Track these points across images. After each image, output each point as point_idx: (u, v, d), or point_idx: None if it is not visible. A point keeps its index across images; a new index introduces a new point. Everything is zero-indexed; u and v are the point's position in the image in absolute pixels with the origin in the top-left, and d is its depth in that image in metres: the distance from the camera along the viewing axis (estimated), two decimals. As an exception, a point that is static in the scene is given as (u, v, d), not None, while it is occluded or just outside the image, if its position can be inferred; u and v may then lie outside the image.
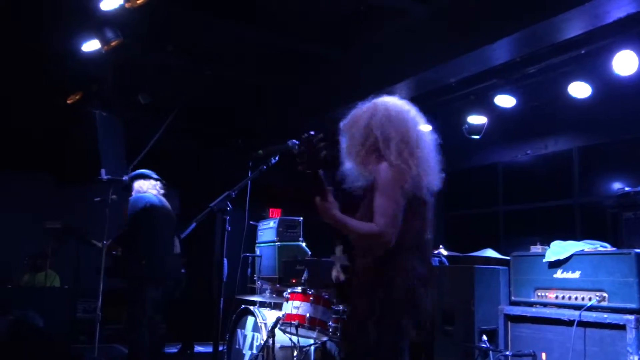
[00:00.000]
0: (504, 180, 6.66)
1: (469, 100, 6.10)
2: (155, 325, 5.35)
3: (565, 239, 4.06)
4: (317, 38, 5.98)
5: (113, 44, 5.86)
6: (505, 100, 5.84)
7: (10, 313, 6.01)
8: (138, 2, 5.27)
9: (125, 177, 5.58)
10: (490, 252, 5.04)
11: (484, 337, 4.16)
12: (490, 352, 4.12)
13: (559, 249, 3.94)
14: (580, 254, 3.79)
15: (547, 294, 3.93)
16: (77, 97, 7.14)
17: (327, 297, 4.48)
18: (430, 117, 6.65)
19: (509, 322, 4.11)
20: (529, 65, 5.48)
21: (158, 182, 5.46)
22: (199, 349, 7.25)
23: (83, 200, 6.39)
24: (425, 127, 2.89)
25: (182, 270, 6.48)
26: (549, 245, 4.07)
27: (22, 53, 6.07)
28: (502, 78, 5.75)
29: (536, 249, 4.18)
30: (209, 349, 7.16)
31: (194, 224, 2.97)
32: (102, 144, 5.58)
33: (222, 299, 3.08)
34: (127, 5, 5.24)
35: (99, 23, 5.62)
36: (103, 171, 5.35)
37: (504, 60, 5.30)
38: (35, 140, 7.05)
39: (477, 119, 6.07)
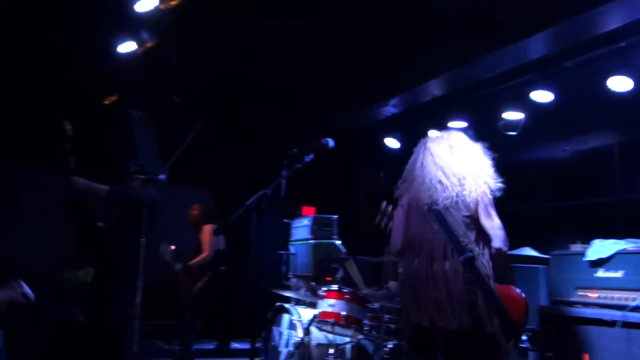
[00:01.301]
0: (542, 178, 6.52)
1: (505, 96, 5.99)
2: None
3: (606, 237, 3.96)
4: (350, 35, 5.95)
5: (148, 44, 5.97)
6: (542, 96, 5.72)
7: (53, 309, 6.19)
8: (172, 2, 5.35)
9: (161, 176, 5.65)
10: (528, 251, 4.95)
11: (524, 337, 4.09)
12: (530, 352, 4.05)
13: (600, 248, 3.85)
14: (624, 253, 3.70)
15: (588, 294, 3.85)
16: (114, 98, 7.29)
17: (362, 295, 4.48)
18: (465, 114, 6.64)
19: (549, 323, 4.03)
20: (566, 59, 5.35)
21: None
22: (235, 345, 7.32)
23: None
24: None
25: (222, 268, 6.57)
26: (589, 243, 3.98)
27: (59, 55, 6.20)
28: (539, 73, 5.63)
29: (576, 247, 4.09)
30: (245, 346, 7.24)
31: (229, 223, 2.98)
32: (138, 144, 5.65)
33: (257, 296, 3.09)
34: (161, 6, 5.33)
35: (134, 25, 5.73)
36: (152, 171, 5.42)
37: (540, 54, 5.20)
38: (73, 140, 7.19)
39: (513, 115, 5.96)
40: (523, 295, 3.13)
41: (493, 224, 3.04)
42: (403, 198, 3.25)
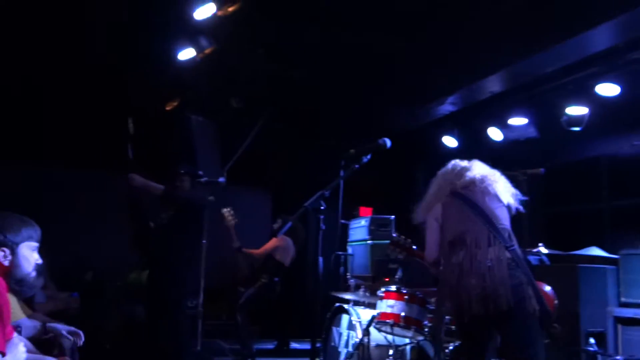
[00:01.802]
0: (609, 174, 6.26)
1: (568, 90, 5.78)
2: None
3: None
4: (404, 33, 5.90)
5: (207, 51, 6.12)
6: (607, 89, 5.49)
7: (120, 309, 6.43)
8: (229, 9, 5.47)
9: (221, 179, 5.78)
10: (595, 251, 4.77)
11: (592, 340, 3.95)
12: (599, 356, 3.91)
13: (674, 247, 3.66)
14: (699, 252, 3.51)
15: (661, 295, 3.67)
16: (175, 104, 7.51)
17: (421, 296, 4.43)
18: (526, 110, 6.45)
19: (619, 325, 3.87)
20: (633, 50, 5.12)
21: None
22: (294, 345, 7.39)
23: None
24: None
25: (276, 279, 6.65)
26: (662, 242, 3.80)
27: (122, 62, 6.44)
28: (604, 65, 5.41)
29: (647, 246, 3.91)
30: (305, 346, 7.30)
31: (289, 224, 3.02)
32: (198, 148, 5.80)
33: (317, 297, 3.12)
34: (219, 13, 5.45)
35: (193, 32, 5.88)
36: (201, 174, 5.55)
37: (605, 46, 5.00)
38: (132, 145, 7.47)
39: (577, 110, 5.75)
40: (554, 293, 3.32)
41: None
42: (432, 211, 3.40)
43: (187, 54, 6.08)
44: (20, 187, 7.26)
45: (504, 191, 3.29)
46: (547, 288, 3.26)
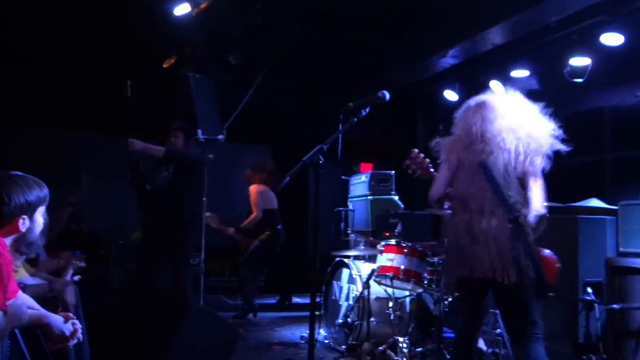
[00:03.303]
0: (612, 125, 6.20)
1: (571, 41, 5.67)
2: None
3: (681, 186, 3.76)
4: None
5: (202, 6, 5.99)
6: (612, 39, 5.38)
7: (124, 266, 6.51)
8: (224, -38, 5.32)
9: (220, 137, 5.76)
10: (595, 202, 4.77)
11: (589, 290, 3.98)
12: (596, 304, 3.95)
13: (674, 197, 3.66)
14: (699, 202, 3.50)
15: (660, 245, 3.69)
16: (172, 61, 7.40)
17: (420, 249, 4.46)
18: (528, 62, 6.34)
19: (617, 274, 3.90)
20: (638, -2, 5.00)
21: None
22: (296, 300, 7.51)
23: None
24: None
25: (279, 226, 6.69)
26: (662, 193, 3.80)
27: (117, 20, 6.32)
28: (609, 14, 5.29)
29: (647, 197, 3.91)
30: (307, 300, 7.41)
31: (287, 179, 3.00)
32: (197, 106, 5.75)
33: (317, 252, 3.13)
34: (214, -35, 5.31)
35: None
36: (199, 132, 5.53)
37: (610, -7, 4.87)
38: (132, 104, 7.42)
39: (580, 61, 5.66)
40: (555, 257, 3.18)
41: (538, 189, 3.09)
42: (452, 154, 3.26)
43: (182, 9, 5.96)
44: (21, 148, 7.25)
45: (535, 153, 3.12)
46: (548, 252, 3.18)
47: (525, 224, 3.01)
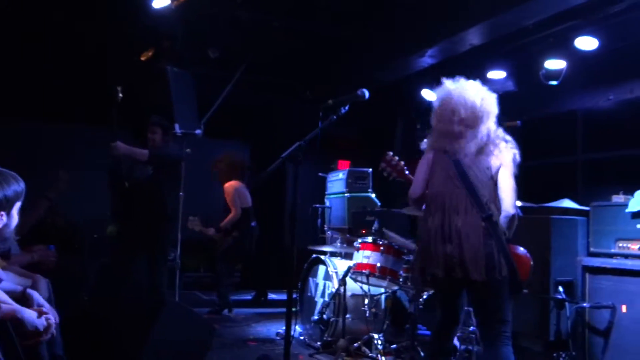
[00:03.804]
0: (584, 128, 6.33)
1: (547, 44, 5.77)
2: None
3: (651, 188, 3.85)
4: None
5: (181, -2, 5.93)
6: (586, 43, 5.49)
7: (98, 260, 6.42)
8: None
9: (198, 131, 5.72)
10: (567, 203, 4.86)
11: (560, 289, 4.07)
12: (567, 303, 4.03)
13: (643, 199, 3.75)
14: (668, 204, 3.59)
15: (629, 245, 3.78)
16: (150, 54, 7.32)
17: (397, 247, 4.50)
18: (505, 63, 6.42)
19: (587, 274, 3.99)
20: (613, 3, 5.10)
21: None
22: (272, 296, 7.51)
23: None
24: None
25: (253, 223, 6.69)
26: (632, 195, 3.88)
27: (94, 11, 6.23)
28: (584, 19, 5.39)
29: (618, 198, 4.00)
30: (282, 297, 7.42)
31: (266, 174, 3.00)
32: (175, 100, 5.70)
33: (294, 249, 3.13)
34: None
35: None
36: (177, 126, 5.49)
37: (585, -1, 4.96)
38: (110, 96, 7.33)
39: (555, 64, 5.76)
40: (528, 255, 3.28)
41: (509, 189, 3.14)
42: (430, 152, 3.32)
43: (161, 1, 5.89)
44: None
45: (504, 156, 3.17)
46: (521, 249, 3.27)
47: (499, 223, 3.08)
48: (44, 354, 2.94)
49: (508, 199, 3.12)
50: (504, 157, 3.16)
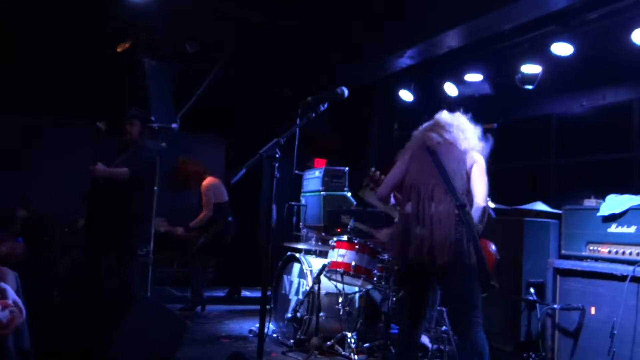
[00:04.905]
0: (558, 132, 6.43)
1: (524, 49, 5.84)
2: None
3: (621, 193, 3.92)
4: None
5: (161, -10, 5.86)
6: (562, 49, 5.57)
7: (69, 254, 6.32)
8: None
9: (174, 125, 5.65)
10: (540, 206, 4.93)
11: (532, 290, 4.13)
12: (538, 304, 4.09)
13: (614, 203, 3.82)
14: (638, 209, 3.67)
15: (599, 249, 3.84)
16: (127, 46, 7.21)
17: (372, 246, 4.52)
18: (482, 66, 6.50)
19: (558, 276, 4.05)
20: (589, 10, 5.18)
21: None
22: (245, 293, 7.46)
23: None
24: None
25: (230, 219, 6.64)
26: (604, 199, 3.95)
27: (72, 1, 6.12)
28: (560, 25, 5.47)
29: (590, 202, 4.06)
30: (256, 294, 7.38)
31: (243, 170, 2.97)
32: (151, 93, 5.62)
33: (269, 246, 3.12)
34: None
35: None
36: (152, 119, 5.42)
37: (562, 5, 5.02)
38: (86, 88, 7.19)
39: (531, 68, 5.83)
40: (496, 250, 3.43)
41: (482, 184, 3.30)
42: (403, 155, 3.52)
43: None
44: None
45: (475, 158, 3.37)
46: (493, 247, 3.40)
47: (471, 214, 3.20)
48: (11, 347, 2.88)
49: (480, 193, 3.27)
50: (478, 157, 3.35)
